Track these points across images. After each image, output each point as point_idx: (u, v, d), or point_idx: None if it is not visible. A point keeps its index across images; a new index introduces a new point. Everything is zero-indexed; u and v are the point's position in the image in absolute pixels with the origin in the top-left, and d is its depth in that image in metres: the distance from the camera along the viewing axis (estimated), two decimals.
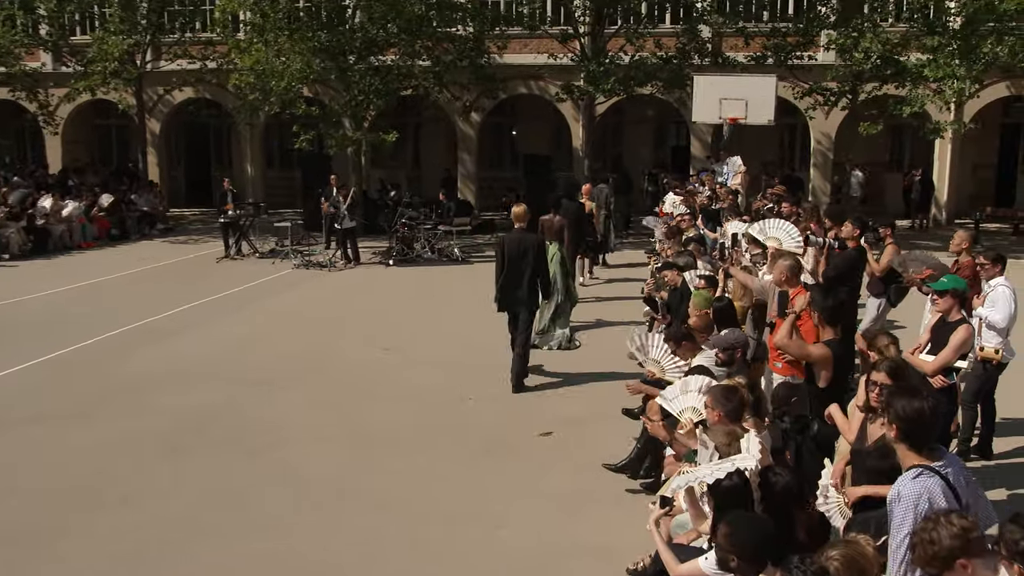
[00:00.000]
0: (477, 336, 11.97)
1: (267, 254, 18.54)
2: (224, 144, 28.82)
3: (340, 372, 10.28)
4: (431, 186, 26.28)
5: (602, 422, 8.56)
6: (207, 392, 9.56)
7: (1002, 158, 24.45)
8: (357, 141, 19.71)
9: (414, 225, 18.04)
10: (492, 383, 9.92)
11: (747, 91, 17.83)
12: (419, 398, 9.38)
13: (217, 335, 12.09)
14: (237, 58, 19.72)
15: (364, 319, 13.06)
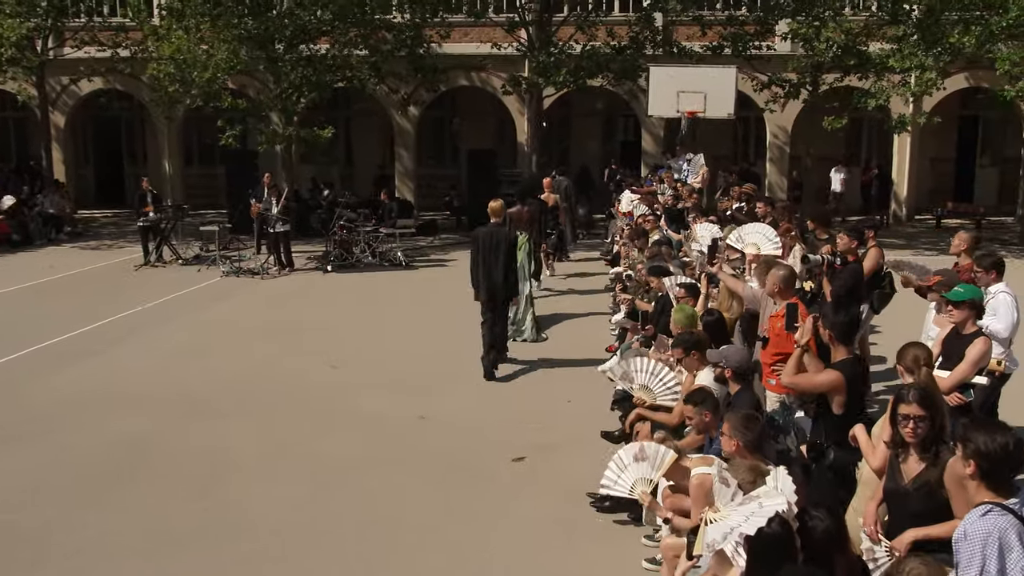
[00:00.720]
0: (428, 347, 11.61)
1: (191, 260, 17.78)
2: (138, 139, 27.75)
3: (285, 393, 9.74)
4: (365, 184, 25.73)
5: (577, 444, 8.22)
6: (132, 420, 8.92)
7: (960, 151, 24.96)
8: (289, 137, 19.02)
9: (353, 228, 17.50)
10: (450, 399, 9.56)
11: (705, 83, 17.77)
12: (374, 420, 8.93)
13: (141, 353, 11.41)
14: (154, 46, 18.85)
15: (306, 332, 12.50)
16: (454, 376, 10.37)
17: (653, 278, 9.37)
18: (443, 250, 19.60)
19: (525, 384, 10.13)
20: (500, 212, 10.77)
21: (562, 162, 24.24)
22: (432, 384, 10.08)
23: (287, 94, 19.44)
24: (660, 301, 9.29)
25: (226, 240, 18.45)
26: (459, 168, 26.49)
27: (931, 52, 16.58)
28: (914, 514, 4.33)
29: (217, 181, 27.16)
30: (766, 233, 9.27)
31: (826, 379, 5.27)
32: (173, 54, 17.78)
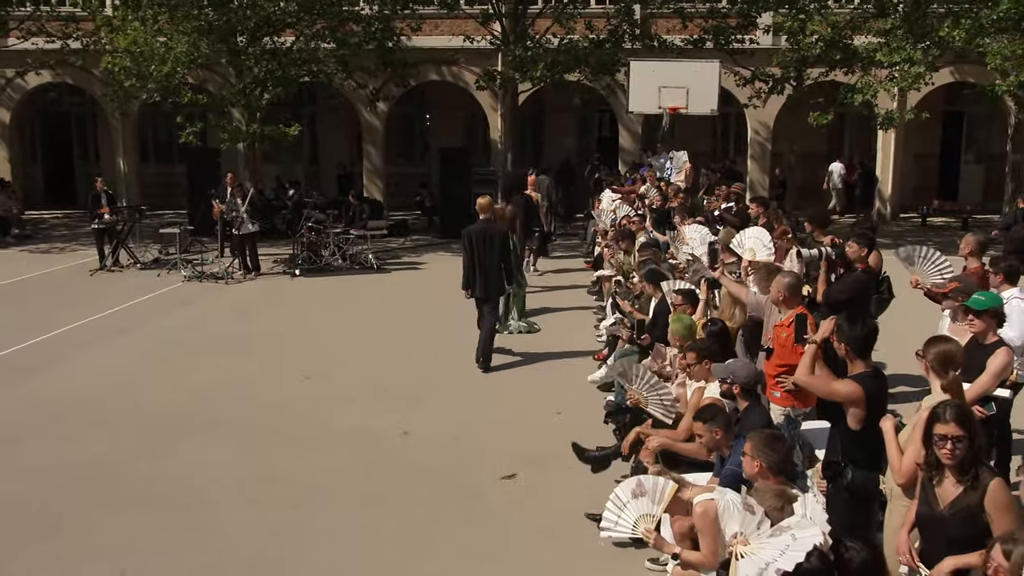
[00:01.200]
0: (407, 356, 11.37)
1: (150, 265, 17.32)
2: (89, 136, 27.15)
3: (256, 408, 9.43)
4: (330, 183, 25.37)
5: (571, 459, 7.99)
6: (92, 442, 8.56)
7: (944, 148, 25.13)
8: (253, 134, 18.63)
9: (321, 229, 17.17)
10: (433, 412, 9.32)
11: (688, 78, 17.67)
12: (353, 436, 8.65)
13: (99, 367, 11.02)
14: (108, 37, 18.36)
15: (275, 340, 12.17)
16: (436, 387, 10.13)
17: (648, 285, 9.18)
18: (415, 252, 19.32)
19: (511, 393, 9.89)
20: (488, 208, 11.13)
21: (537, 160, 24.06)
22: (413, 396, 9.83)
23: (250, 89, 19.05)
24: (655, 308, 9.13)
25: (187, 243, 18.02)
26: (429, 166, 26.23)
27: (919, 46, 16.58)
28: (951, 541, 4.16)
29: (175, 180, 26.65)
30: (762, 238, 9.13)
31: (844, 388, 5.09)
32: (129, 46, 17.31)
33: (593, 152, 26.22)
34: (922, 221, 22.73)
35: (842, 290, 8.19)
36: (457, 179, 20.78)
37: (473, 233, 10.97)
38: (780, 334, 7.00)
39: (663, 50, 19.71)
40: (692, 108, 17.64)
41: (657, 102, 17.66)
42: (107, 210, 17.03)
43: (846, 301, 7.97)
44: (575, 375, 10.42)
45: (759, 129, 23.80)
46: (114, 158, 25.05)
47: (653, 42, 19.80)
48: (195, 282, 15.95)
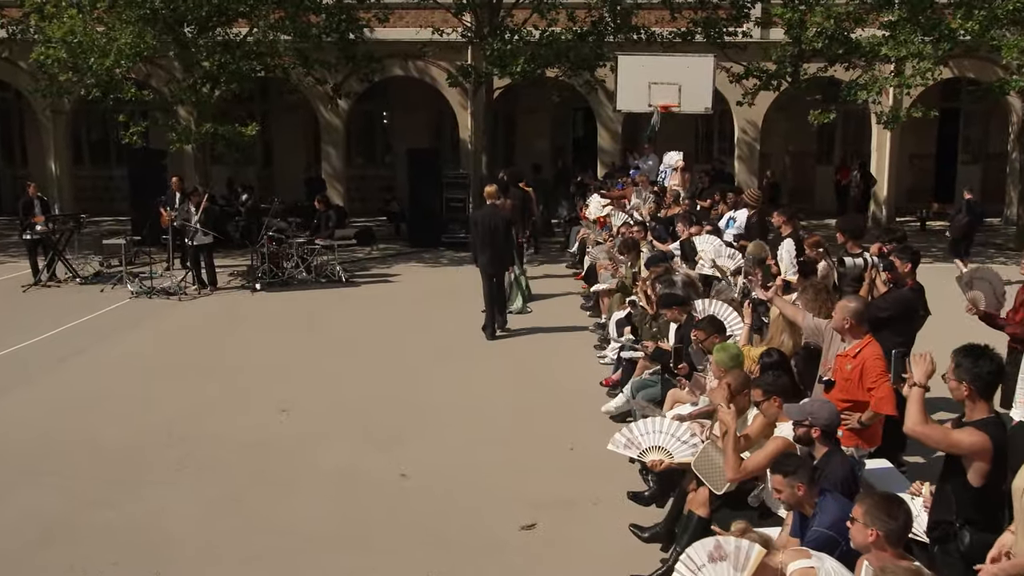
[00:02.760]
0: (394, 383, 10.75)
1: (91, 279, 16.45)
2: (15, 135, 26.04)
3: (228, 448, 8.72)
4: (287, 187, 24.57)
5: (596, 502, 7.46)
6: (42, 491, 7.82)
7: (940, 147, 25.06)
8: (205, 135, 17.81)
9: (283, 239, 16.44)
10: (431, 449, 8.69)
11: (680, 74, 17.29)
12: (344, 480, 8.00)
13: (42, 401, 10.21)
14: (40, 26, 17.42)
15: (242, 367, 11.44)
16: (429, 419, 9.52)
17: (667, 310, 8.64)
18: (384, 263, 18.66)
19: (516, 426, 9.30)
20: (495, 195, 12.95)
21: (510, 162, 23.53)
22: (405, 430, 9.20)
23: (200, 84, 18.23)
24: (679, 333, 8.61)
25: (132, 254, 17.17)
26: (393, 169, 25.57)
27: (927, 38, 16.33)
28: None
29: (113, 183, 25.76)
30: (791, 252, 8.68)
31: (969, 439, 4.57)
32: (64, 36, 16.41)
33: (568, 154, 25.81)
34: (921, 225, 22.58)
35: (884, 307, 7.75)
36: (427, 183, 20.14)
37: (480, 217, 12.91)
38: (844, 365, 6.52)
39: (650, 43, 19.28)
40: (685, 106, 17.25)
41: (647, 99, 17.23)
42: (41, 219, 16.15)
43: (886, 319, 7.55)
44: (582, 403, 9.88)
45: (747, 128, 23.50)
46: (44, 159, 23.99)
47: (640, 35, 19.34)
48: (144, 298, 15.14)
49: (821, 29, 17.16)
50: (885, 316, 7.54)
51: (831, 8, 17.43)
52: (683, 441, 6.34)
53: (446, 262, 18.64)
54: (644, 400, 8.37)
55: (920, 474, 7.26)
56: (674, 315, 8.60)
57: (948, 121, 24.70)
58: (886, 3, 17.42)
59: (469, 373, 11.09)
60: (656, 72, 17.21)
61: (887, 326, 7.46)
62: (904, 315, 7.70)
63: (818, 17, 17.07)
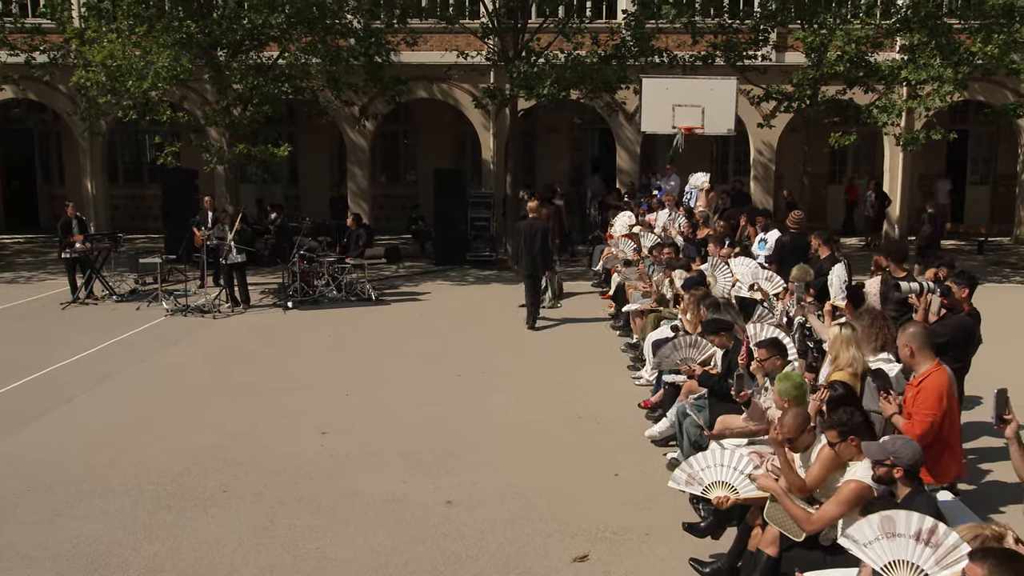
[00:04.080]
0: (433, 404, 10.29)
1: (127, 296, 16.07)
2: (53, 155, 25.75)
3: (271, 472, 8.29)
4: (312, 206, 24.23)
5: (648, 532, 7.00)
6: (85, 517, 7.39)
7: (948, 168, 24.58)
8: (239, 155, 17.46)
9: (314, 258, 16.04)
10: (476, 474, 8.24)
11: (703, 96, 16.89)
12: (388, 507, 7.55)
13: (83, 422, 9.80)
14: (81, 50, 17.12)
15: (280, 387, 10.99)
16: (472, 443, 9.06)
17: (714, 336, 8.19)
18: (411, 280, 18.24)
19: (558, 451, 8.84)
20: (537, 209, 14.47)
21: (530, 182, 23.15)
22: (446, 454, 8.75)
23: (232, 106, 17.88)
24: (726, 358, 8.16)
25: (166, 272, 16.79)
26: (416, 187, 25.23)
27: (948, 62, 15.89)
28: None
29: (145, 202, 25.48)
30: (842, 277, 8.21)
31: None
32: (104, 60, 16.09)
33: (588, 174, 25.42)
34: None
35: (943, 333, 7.29)
36: (452, 202, 19.75)
37: (523, 226, 14.26)
38: (908, 393, 6.08)
39: (671, 67, 18.88)
40: (709, 128, 16.84)
41: (671, 121, 16.81)
42: (80, 238, 15.77)
43: (944, 345, 7.09)
44: (623, 426, 9.45)
45: (763, 149, 23.10)
46: (80, 179, 23.73)
47: (662, 58, 18.94)
48: (179, 316, 14.74)
49: (842, 52, 16.72)
50: (943, 342, 7.09)
51: (851, 32, 17.01)
52: (747, 474, 5.88)
53: (472, 280, 18.21)
54: (692, 426, 7.92)
55: (978, 504, 6.82)
56: (722, 341, 8.15)
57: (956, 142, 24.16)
58: (905, 27, 16.99)
59: (506, 394, 10.65)
60: (680, 94, 16.82)
61: (944, 352, 7.00)
62: (962, 341, 7.27)
63: (839, 41, 16.64)
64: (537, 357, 12.34)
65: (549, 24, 19.41)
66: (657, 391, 9.74)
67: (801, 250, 11.35)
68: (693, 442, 7.92)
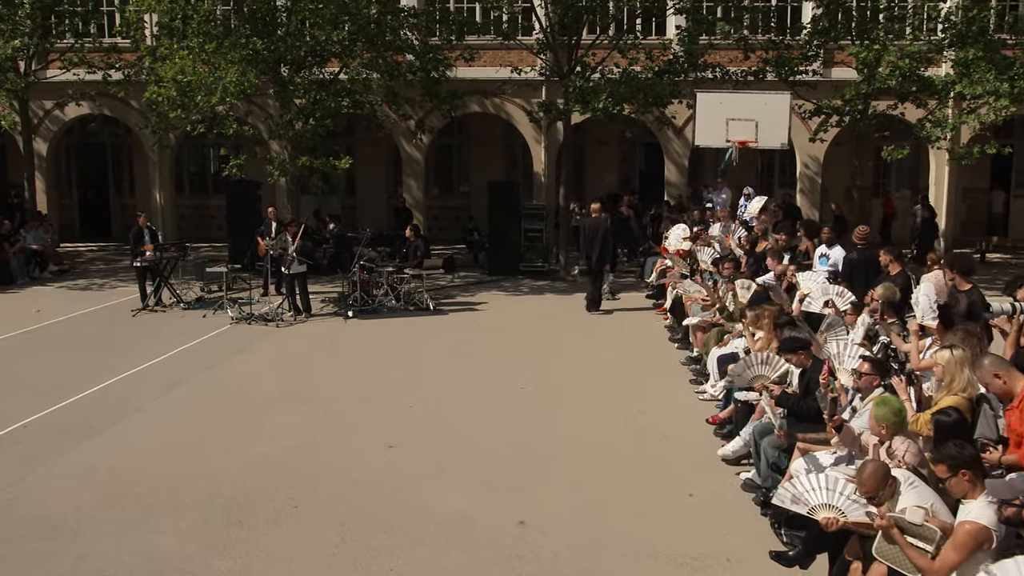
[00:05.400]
0: (494, 415, 9.81)
1: (194, 304, 15.78)
2: (124, 167, 25.69)
3: (339, 487, 7.82)
4: (368, 216, 23.89)
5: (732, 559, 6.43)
6: (157, 530, 7.00)
7: (994, 182, 23.64)
8: (302, 167, 17.13)
9: (373, 268, 15.63)
10: (549, 492, 7.70)
11: (757, 111, 16.24)
12: (460, 527, 7.05)
13: (154, 431, 9.44)
14: (154, 67, 16.91)
15: (345, 397, 10.56)
16: (541, 459, 8.53)
17: (791, 355, 7.59)
18: (467, 290, 17.76)
19: (628, 468, 8.28)
20: (599, 210, 15.36)
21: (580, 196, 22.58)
22: (515, 470, 8.24)
23: (296, 120, 17.57)
24: (803, 377, 7.57)
25: (231, 280, 16.49)
26: (468, 199, 24.80)
27: (1003, 76, 15.09)
28: None
29: (209, 212, 25.31)
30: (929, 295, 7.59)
31: None
32: (175, 76, 15.85)
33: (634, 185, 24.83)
34: (980, 258, 21.14)
35: None
36: (506, 213, 19.27)
37: (586, 225, 15.31)
38: (1012, 419, 5.46)
39: (723, 81, 18.25)
40: (762, 141, 16.19)
41: (724, 135, 16.18)
42: (150, 247, 15.52)
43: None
44: (693, 443, 8.88)
45: (809, 163, 22.33)
46: (149, 190, 23.61)
47: (715, 73, 18.31)
48: (243, 325, 14.40)
49: (895, 67, 15.98)
50: None
51: (904, 48, 16.27)
52: (853, 500, 5.26)
53: (526, 290, 17.70)
54: (770, 447, 7.33)
55: None
56: (800, 359, 7.56)
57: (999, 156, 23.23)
58: (959, 42, 16.22)
59: (570, 408, 10.12)
60: (733, 108, 16.18)
61: None
62: None
63: (892, 56, 15.91)
64: (598, 370, 11.79)
65: (603, 40, 18.86)
66: (726, 407, 9.15)
67: (869, 266, 10.70)
68: (771, 463, 7.34)
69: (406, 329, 14.27)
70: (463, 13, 20.15)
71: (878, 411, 5.67)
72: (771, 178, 24.53)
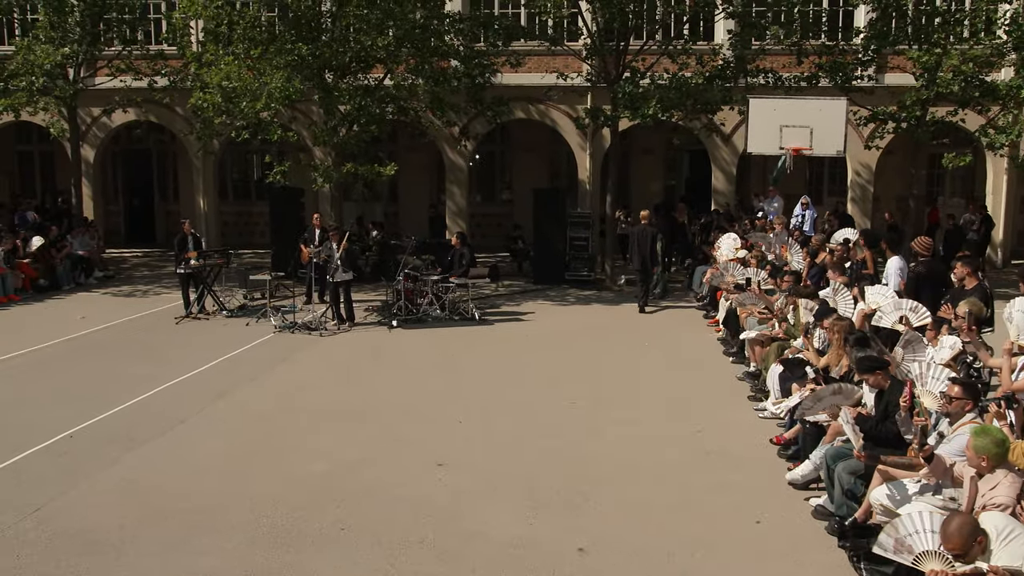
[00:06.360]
0: (546, 432, 9.38)
1: (236, 312, 15.59)
2: (169, 173, 25.71)
3: (388, 508, 7.46)
4: (410, 223, 23.65)
5: None
6: (197, 557, 6.69)
7: None
8: (346, 174, 16.90)
9: (418, 277, 15.32)
10: (608, 516, 7.28)
11: (812, 117, 15.70)
12: (517, 551, 6.65)
13: (197, 445, 9.16)
14: (199, 73, 16.79)
15: (391, 411, 10.22)
16: (599, 479, 8.10)
17: (868, 375, 7.11)
18: (512, 300, 17.39)
19: (690, 491, 7.83)
20: (649, 217, 16.14)
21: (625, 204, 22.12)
22: (575, 492, 7.80)
23: (340, 126, 17.35)
24: (880, 399, 7.08)
25: (274, 288, 16.28)
26: (511, 206, 24.46)
27: None
28: None
29: (252, 218, 25.23)
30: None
31: None
32: (221, 81, 15.69)
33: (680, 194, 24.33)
34: None
35: None
36: (551, 221, 18.88)
37: (636, 231, 16.06)
38: None
39: (776, 87, 17.71)
40: (817, 149, 15.65)
41: (778, 142, 15.66)
42: (195, 254, 15.35)
43: None
44: (756, 464, 8.40)
45: (860, 171, 21.67)
46: (193, 196, 23.56)
47: (767, 79, 17.77)
48: (287, 333, 14.15)
49: (957, 72, 15.36)
50: None
51: (967, 52, 15.63)
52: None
53: (572, 300, 17.29)
54: (846, 472, 6.86)
55: None
56: (877, 380, 7.08)
57: None
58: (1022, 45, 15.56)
59: (625, 426, 9.67)
60: (787, 115, 15.65)
61: None
62: None
63: (955, 60, 15.28)
64: (649, 384, 11.35)
65: (651, 45, 18.41)
66: (791, 426, 8.67)
67: (937, 279, 10.16)
68: (846, 490, 6.87)
69: (451, 339, 13.93)
70: (508, 18, 19.81)
71: (977, 441, 5.20)
72: (820, 187, 23.89)
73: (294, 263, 16.74)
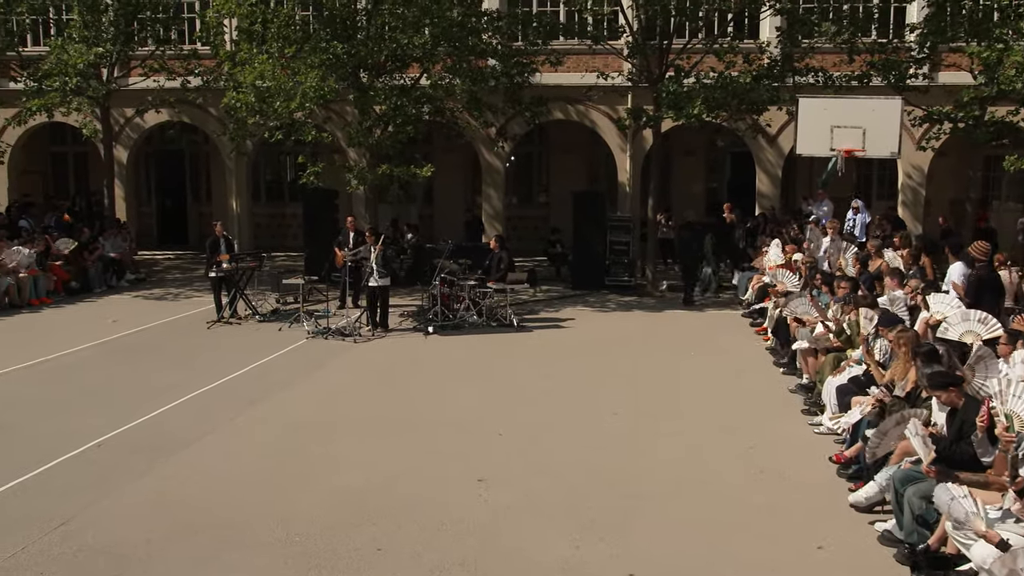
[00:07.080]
0: (591, 447, 9.07)
1: (268, 316, 15.43)
2: (202, 175, 25.72)
3: (426, 527, 7.17)
4: (446, 226, 23.41)
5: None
6: (226, 569, 6.48)
7: None
8: (382, 176, 16.69)
9: (455, 281, 15.06)
10: (652, 535, 6.97)
11: (864, 117, 15.16)
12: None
13: (229, 455, 8.94)
14: (233, 72, 16.68)
15: (428, 423, 9.94)
16: (649, 497, 7.77)
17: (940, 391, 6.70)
18: (551, 305, 17.05)
19: (747, 513, 7.45)
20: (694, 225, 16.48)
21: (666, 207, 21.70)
22: (623, 511, 7.48)
23: (375, 127, 17.15)
24: (954, 418, 6.68)
25: (307, 291, 16.10)
26: (548, 209, 24.14)
27: None
28: None
29: (285, 220, 25.15)
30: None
31: None
32: (254, 80, 15.56)
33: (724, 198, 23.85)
34: None
35: None
36: (591, 225, 18.54)
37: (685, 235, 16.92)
38: None
39: (826, 86, 17.22)
40: (870, 150, 15.13)
41: (829, 143, 15.18)
42: (227, 257, 15.21)
43: None
44: (814, 484, 8.01)
45: (912, 173, 21.09)
46: (226, 198, 23.52)
47: (817, 78, 17.29)
48: (320, 339, 13.95)
49: (1021, 68, 14.79)
50: None
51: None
52: None
53: (613, 306, 16.93)
54: (916, 496, 6.46)
55: None
56: (950, 397, 6.68)
57: None
58: None
59: (673, 439, 9.33)
60: (839, 115, 15.16)
61: None
62: None
63: (1018, 56, 14.73)
64: (696, 396, 10.98)
65: (695, 44, 18.01)
66: (851, 444, 8.26)
67: (998, 285, 9.70)
68: (917, 516, 6.47)
69: (490, 347, 13.65)
70: (547, 16, 19.50)
71: None
72: (869, 190, 23.31)
73: (328, 267, 16.55)
